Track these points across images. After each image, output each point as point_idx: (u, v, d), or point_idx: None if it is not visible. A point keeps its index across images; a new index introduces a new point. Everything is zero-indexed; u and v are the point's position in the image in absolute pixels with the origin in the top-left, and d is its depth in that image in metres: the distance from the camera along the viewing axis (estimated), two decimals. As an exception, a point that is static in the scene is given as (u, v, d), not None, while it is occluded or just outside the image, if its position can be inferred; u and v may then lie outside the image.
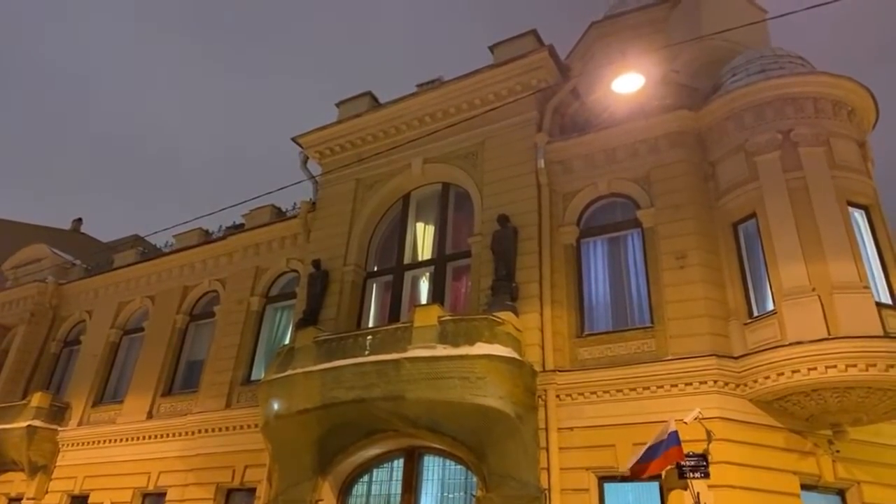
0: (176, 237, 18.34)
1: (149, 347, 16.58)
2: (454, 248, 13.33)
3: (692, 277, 10.08)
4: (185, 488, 13.52)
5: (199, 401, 14.60)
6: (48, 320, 19.51)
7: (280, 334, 15.07)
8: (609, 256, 11.52)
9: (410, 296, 13.56)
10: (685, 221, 10.61)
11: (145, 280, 17.98)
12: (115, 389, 16.93)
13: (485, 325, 10.45)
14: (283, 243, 15.77)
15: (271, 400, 11.73)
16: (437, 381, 10.07)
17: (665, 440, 8.56)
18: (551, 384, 10.21)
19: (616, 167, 11.75)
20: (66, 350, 19.13)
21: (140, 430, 15.07)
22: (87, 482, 15.26)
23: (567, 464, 9.63)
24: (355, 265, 13.84)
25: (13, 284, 21.27)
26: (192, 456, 13.77)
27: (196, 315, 16.70)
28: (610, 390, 9.79)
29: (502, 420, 9.82)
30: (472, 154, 13.41)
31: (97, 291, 19.00)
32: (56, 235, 27.68)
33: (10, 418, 16.47)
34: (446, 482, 11.12)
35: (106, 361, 17.41)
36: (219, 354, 15.05)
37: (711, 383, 9.16)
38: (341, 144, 15.30)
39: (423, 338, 10.57)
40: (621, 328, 10.56)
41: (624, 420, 9.48)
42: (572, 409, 9.99)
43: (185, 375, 15.92)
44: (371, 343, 11.24)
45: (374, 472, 11.83)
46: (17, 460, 16.12)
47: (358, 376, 10.78)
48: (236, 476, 12.97)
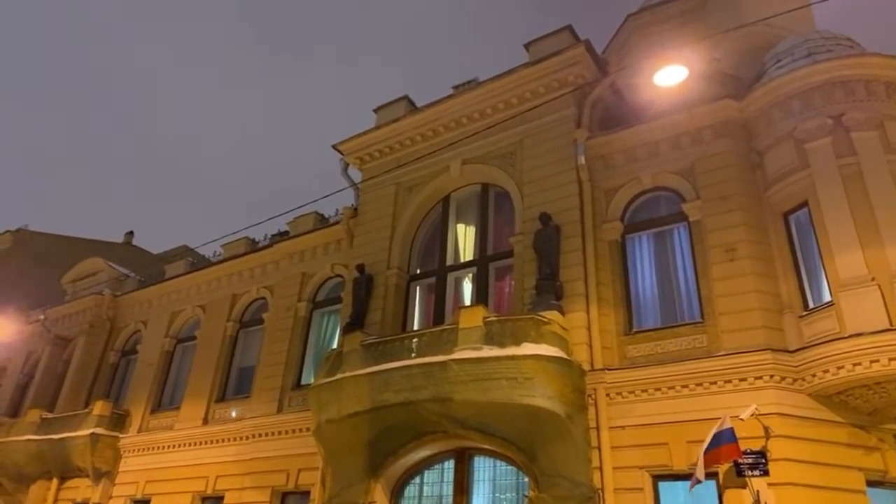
0: (224, 247, 18.82)
1: (201, 355, 17.07)
2: (496, 248, 13.32)
3: (743, 270, 9.84)
4: (241, 492, 13.85)
5: (252, 406, 14.95)
6: (106, 331, 20.26)
7: (327, 339, 15.31)
8: (655, 251, 11.34)
9: (454, 297, 13.60)
10: (733, 213, 10.36)
11: (195, 289, 18.50)
12: (172, 396, 17.48)
13: (531, 325, 10.41)
14: (327, 249, 16.02)
15: (322, 404, 11.93)
16: (484, 383, 10.08)
17: (719, 437, 8.38)
18: (601, 383, 10.11)
19: (659, 160, 11.56)
20: (124, 359, 19.83)
21: (196, 435, 15.52)
22: (148, 487, 15.80)
23: (620, 463, 9.51)
24: (398, 268, 13.95)
25: (72, 298, 22.17)
26: (247, 460, 14.10)
27: (245, 322, 17.11)
28: (661, 387, 9.63)
29: (552, 420, 9.76)
30: (510, 153, 13.37)
31: (151, 302, 19.65)
32: (110, 249, 28.74)
33: (74, 426, 17.17)
34: (498, 483, 11.12)
35: (161, 369, 18.00)
36: (269, 360, 15.38)
37: (767, 378, 8.91)
38: (380, 150, 15.45)
39: (468, 339, 10.59)
40: (670, 324, 10.37)
41: (677, 418, 9.32)
42: (623, 408, 9.87)
43: (237, 381, 16.34)
44: (417, 345, 11.32)
45: (425, 473, 11.91)
46: (82, 467, 16.79)
47: (405, 379, 10.87)
48: (290, 479, 13.23)
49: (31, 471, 17.68)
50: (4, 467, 18.08)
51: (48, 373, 20.76)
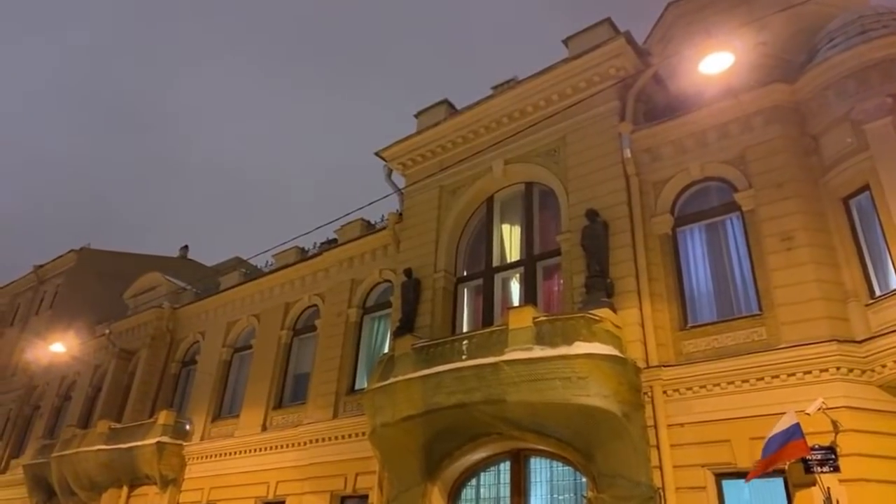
0: (275, 256, 19.26)
1: (258, 363, 17.50)
2: (543, 247, 13.22)
3: (802, 259, 9.49)
4: (301, 496, 14.14)
5: (309, 412, 15.24)
6: (166, 343, 20.99)
7: (379, 343, 15.48)
8: (708, 243, 11.05)
9: (502, 298, 13.56)
10: (789, 200, 10.00)
11: (250, 299, 18.98)
12: (231, 404, 17.98)
13: (582, 324, 10.28)
14: (374, 255, 16.21)
15: (376, 408, 12.07)
16: (537, 383, 10.01)
17: (785, 433, 8.10)
18: (657, 380, 9.91)
19: (708, 150, 11.27)
20: (185, 370, 20.51)
21: (256, 442, 15.91)
22: (212, 493, 16.28)
23: (680, 461, 9.30)
24: (445, 271, 14.00)
25: (133, 312, 23.06)
26: (305, 465, 14.38)
27: (299, 329, 17.46)
28: (720, 383, 9.37)
29: (608, 419, 9.62)
30: (553, 150, 13.26)
31: (207, 313, 20.26)
32: (167, 263, 29.75)
33: (140, 436, 17.84)
34: (555, 483, 11.03)
35: (220, 378, 18.53)
36: (323, 366, 15.65)
37: (834, 370, 8.56)
38: (422, 154, 15.54)
39: (519, 340, 10.54)
40: (727, 317, 10.08)
41: (738, 414, 9.04)
42: (681, 405, 9.64)
43: (293, 388, 16.68)
44: (467, 347, 11.33)
45: (481, 475, 11.90)
46: (150, 474, 17.42)
47: (458, 381, 10.89)
48: (348, 484, 13.43)
49: (103, 479, 18.45)
50: (77, 477, 18.91)
51: (114, 384, 21.65)
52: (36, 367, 26.38)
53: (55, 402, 24.90)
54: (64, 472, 19.24)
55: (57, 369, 24.92)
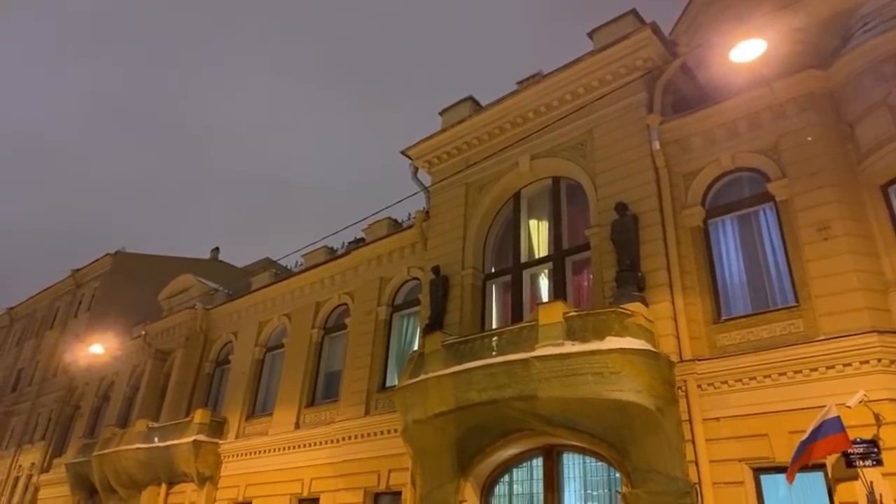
0: (304, 256, 19.48)
1: (290, 362, 17.73)
2: (571, 242, 13.13)
3: (839, 249, 9.27)
4: (335, 493, 14.30)
5: (341, 409, 15.39)
6: (200, 343, 21.39)
7: (408, 341, 15.55)
8: (741, 235, 10.86)
9: (531, 294, 13.51)
10: (824, 189, 9.78)
11: (280, 299, 19.23)
12: (265, 403, 18.25)
13: (613, 319, 10.20)
14: (402, 253, 16.29)
15: (407, 405, 12.14)
16: (569, 379, 9.96)
17: (824, 426, 7.94)
18: (691, 374, 9.78)
19: (739, 140, 11.07)
20: (219, 369, 20.87)
21: (290, 439, 16.13)
22: (248, 490, 16.56)
23: (717, 456, 9.17)
24: (473, 268, 14.00)
25: (168, 313, 23.55)
26: (339, 462, 14.54)
27: (329, 328, 17.64)
28: (756, 376, 9.21)
29: (642, 414, 9.53)
30: (580, 144, 13.16)
31: (240, 314, 20.58)
32: (199, 265, 30.32)
33: (177, 434, 18.22)
34: (588, 479, 10.97)
35: (253, 377, 18.82)
36: (354, 364, 15.80)
37: (875, 362, 8.35)
38: (448, 151, 15.56)
39: (549, 335, 10.50)
40: (762, 310, 9.90)
41: (775, 407, 8.88)
42: (716, 399, 9.51)
43: (325, 386, 16.87)
44: (497, 344, 11.32)
45: (513, 471, 11.89)
46: (187, 472, 17.79)
47: (489, 377, 10.89)
48: (382, 480, 13.54)
49: (142, 477, 18.89)
50: (118, 475, 19.39)
51: (151, 384, 22.14)
52: (76, 369, 27.11)
53: (95, 402, 25.55)
54: (105, 471, 19.75)
55: (96, 370, 25.56)
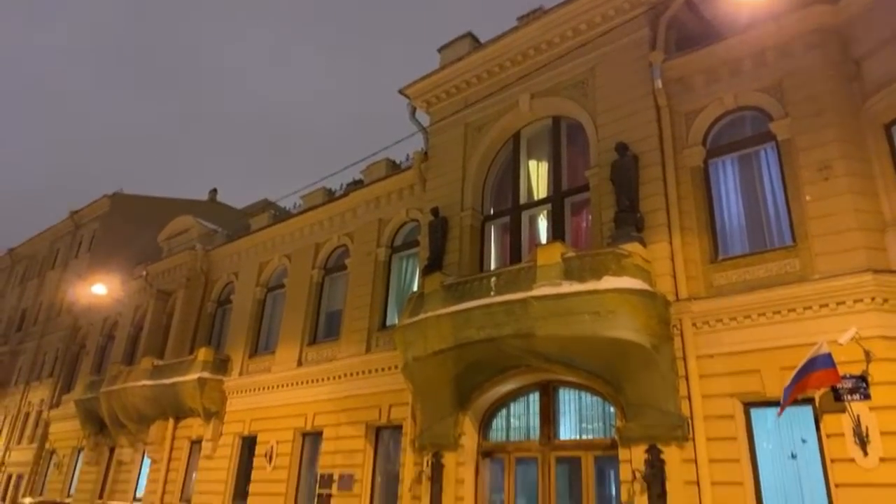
0: (303, 198, 19.43)
1: (291, 301, 17.96)
2: (571, 183, 13.08)
3: (839, 189, 9.26)
4: (338, 427, 14.77)
5: (342, 347, 15.70)
6: (201, 284, 21.60)
7: (408, 281, 15.71)
8: (741, 175, 10.82)
9: (529, 235, 13.57)
10: (827, 129, 9.68)
11: (280, 240, 19.30)
12: (267, 341, 18.59)
13: (611, 259, 10.30)
14: (401, 195, 16.25)
15: (407, 343, 12.39)
16: (566, 318, 10.13)
17: (815, 362, 8.14)
18: (686, 313, 9.95)
19: (743, 78, 10.88)
20: (220, 309, 21.15)
21: (293, 376, 16.52)
22: (253, 424, 17.08)
23: (709, 391, 9.44)
24: (472, 209, 14.00)
25: (168, 254, 23.68)
26: (341, 398, 14.95)
27: (330, 269, 17.79)
28: (751, 315, 9.37)
29: (637, 352, 9.76)
30: (581, 83, 12.93)
31: (240, 254, 20.69)
32: (197, 207, 30.26)
33: (182, 371, 18.64)
34: (584, 413, 11.32)
35: (255, 317, 19.11)
36: (354, 304, 16.01)
37: (868, 301, 8.48)
38: (446, 90, 15.29)
39: (547, 276, 10.62)
40: (759, 250, 9.98)
41: (768, 344, 9.08)
42: (710, 337, 9.71)
43: (326, 325, 17.15)
44: (496, 284, 11.46)
45: (511, 406, 12.26)
46: (194, 408, 18.29)
47: (487, 316, 11.08)
48: (383, 415, 13.96)
49: (150, 412, 19.44)
50: (126, 410, 19.95)
51: (154, 324, 22.48)
52: (79, 308, 27.47)
53: (99, 341, 26.01)
54: (113, 406, 20.31)
55: (99, 310, 25.90)
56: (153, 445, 19.34)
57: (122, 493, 20.30)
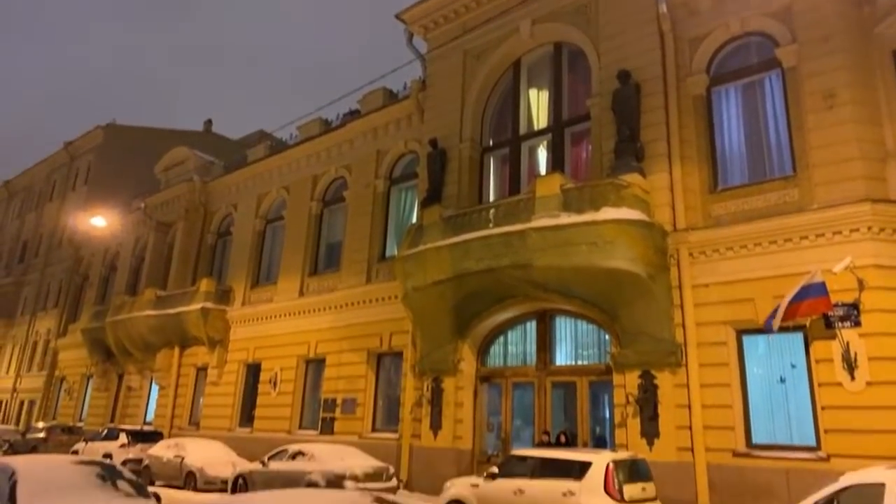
0: (299, 128, 19.16)
1: (291, 233, 18.04)
2: (571, 112, 12.90)
3: (843, 117, 9.15)
4: (340, 354, 15.16)
5: (343, 278, 15.90)
6: (200, 216, 21.61)
7: (406, 213, 15.73)
8: (744, 104, 10.66)
9: (529, 167, 13.50)
10: (835, 55, 9.46)
11: (278, 172, 19.18)
12: (268, 272, 18.79)
13: (610, 190, 10.30)
14: (398, 125, 16.03)
15: (407, 274, 12.56)
16: (564, 248, 10.24)
17: (808, 290, 8.30)
18: (683, 243, 10.04)
19: (750, 3, 10.54)
20: (221, 241, 21.26)
21: (295, 306, 16.80)
22: (257, 352, 17.50)
23: (703, 319, 9.66)
24: (471, 140, 13.86)
25: (165, 186, 23.56)
26: (342, 326, 15.26)
27: (328, 201, 17.77)
28: (747, 245, 9.47)
29: (634, 281, 9.91)
30: (583, 7, 12.53)
31: (237, 186, 20.60)
32: (192, 138, 29.82)
33: (185, 302, 18.93)
34: (579, 340, 11.62)
35: (256, 248, 19.24)
36: (354, 235, 16.09)
37: (865, 230, 8.55)
38: (444, 15, 14.82)
39: (546, 207, 10.65)
40: (759, 180, 9.97)
41: (763, 274, 9.21)
42: (706, 267, 9.84)
43: (326, 256, 17.30)
44: (494, 216, 11.51)
45: (508, 333, 12.56)
46: (198, 336, 18.70)
47: (485, 248, 11.19)
48: (384, 342, 14.31)
49: (155, 341, 19.88)
50: (132, 339, 20.39)
51: (155, 255, 22.65)
52: (80, 240, 27.58)
53: (102, 272, 26.27)
54: (119, 336, 20.74)
55: (100, 242, 26.02)
56: (160, 372, 19.89)
57: (132, 417, 21.03)
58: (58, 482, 5.48)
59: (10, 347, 31.75)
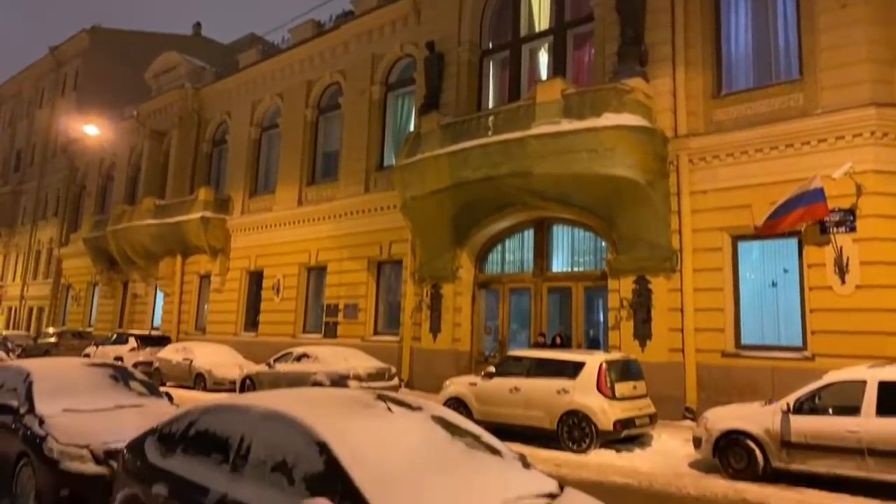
0: (291, 31, 18.45)
1: (286, 141, 17.80)
2: (574, 13, 12.39)
3: (856, 17, 8.79)
4: (341, 262, 15.38)
5: (341, 187, 15.86)
6: (195, 123, 21.21)
7: (404, 121, 15.45)
8: (752, 4, 10.20)
9: (529, 71, 13.12)
10: (853, -51, 8.95)
11: (271, 77, 18.65)
12: (266, 181, 18.71)
13: (612, 95, 10.08)
14: (394, 27, 15.42)
15: (406, 183, 12.52)
16: (563, 156, 10.15)
17: (805, 195, 8.31)
18: (684, 149, 9.94)
19: None
20: (217, 149, 21.00)
21: (294, 215, 16.86)
22: (259, 260, 17.74)
23: (699, 225, 9.73)
24: (469, 43, 13.39)
25: (157, 93, 22.96)
26: (342, 235, 15.39)
27: (323, 108, 17.40)
28: (748, 150, 9.38)
29: (632, 188, 9.90)
30: None
31: (230, 93, 20.09)
32: (181, 42, 28.72)
33: (185, 211, 18.97)
34: (576, 247, 11.76)
35: (252, 157, 19.05)
36: (350, 144, 15.89)
37: (868, 135, 8.45)
38: None
39: (546, 114, 10.45)
40: (764, 84, 9.73)
41: (762, 180, 9.19)
42: (706, 173, 9.80)
43: (323, 165, 17.16)
44: (493, 123, 11.31)
45: (506, 241, 12.69)
46: (199, 245, 18.88)
47: (484, 156, 11.09)
48: (384, 251, 14.48)
49: (157, 249, 20.09)
50: (134, 248, 20.59)
51: (152, 164, 22.46)
52: (74, 149, 27.24)
53: (99, 181, 26.14)
54: (121, 244, 20.94)
55: (95, 151, 25.71)
56: (164, 280, 20.24)
57: (139, 323, 21.59)
58: (72, 382, 5.70)
59: (13, 256, 32.15)
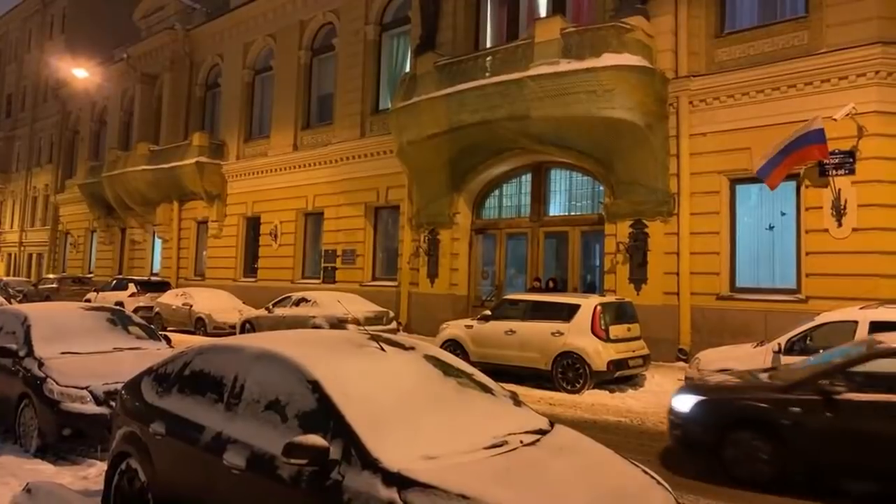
0: (281, -34, 17.77)
1: (280, 84, 17.42)
2: (576, -56, 11.92)
3: (866, -50, 8.47)
4: (338, 208, 15.31)
5: (336, 132, 15.62)
6: (187, 67, 20.71)
7: (400, 63, 15.07)
8: (761, -64, 9.82)
9: (528, 8, 12.71)
10: None
11: (262, 18, 18.08)
12: (260, 126, 18.42)
13: (612, 34, 9.81)
14: (389, -39, 14.87)
15: (402, 127, 12.33)
16: (562, 98, 9.95)
17: (805, 137, 8.19)
18: (684, 91, 9.75)
19: None
20: (210, 93, 20.58)
21: (290, 160, 16.67)
22: (255, 206, 17.66)
23: (698, 169, 9.64)
24: (467, -22, 12.93)
25: (147, 34, 22.32)
26: (339, 180, 15.26)
27: (317, 49, 16.95)
28: (749, 92, 9.20)
29: (631, 130, 9.75)
30: None
31: (222, 34, 19.53)
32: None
33: (179, 156, 18.76)
34: (573, 192, 11.69)
35: (246, 101, 18.68)
36: (345, 87, 15.56)
37: (872, 75, 8.26)
38: None
39: (545, 53, 10.20)
40: (769, 22, 9.45)
41: (763, 122, 9.04)
42: (706, 115, 9.64)
43: (318, 109, 16.85)
44: (491, 64, 11.06)
45: (503, 186, 12.60)
46: (195, 191, 18.76)
47: (481, 99, 10.88)
48: (381, 196, 14.40)
49: (153, 196, 19.97)
50: (130, 194, 20.46)
51: (144, 109, 22.09)
52: (66, 94, 26.72)
53: (92, 126, 25.76)
54: (117, 191, 20.81)
55: (86, 96, 25.21)
56: (162, 226, 20.21)
57: (139, 269, 21.68)
58: (70, 326, 5.75)
59: (10, 202, 32.04)
